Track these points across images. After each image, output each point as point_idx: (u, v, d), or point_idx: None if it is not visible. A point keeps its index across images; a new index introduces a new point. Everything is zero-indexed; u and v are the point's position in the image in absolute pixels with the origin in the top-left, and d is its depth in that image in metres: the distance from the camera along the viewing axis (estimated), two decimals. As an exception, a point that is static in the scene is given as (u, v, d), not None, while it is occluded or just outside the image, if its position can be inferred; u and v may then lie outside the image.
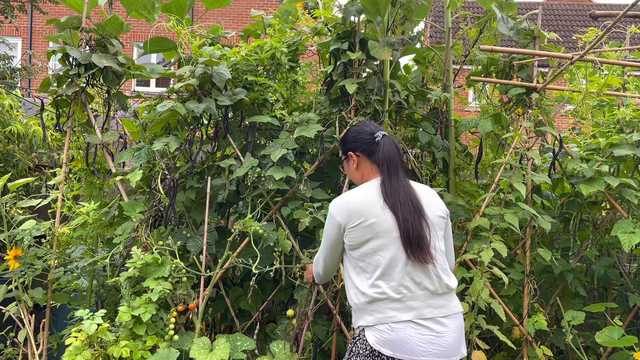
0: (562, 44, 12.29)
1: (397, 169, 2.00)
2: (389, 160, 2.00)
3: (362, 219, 1.93)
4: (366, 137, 2.08)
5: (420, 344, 1.84)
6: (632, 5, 2.19)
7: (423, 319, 1.87)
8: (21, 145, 4.65)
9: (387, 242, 1.91)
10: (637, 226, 2.66)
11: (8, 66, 9.70)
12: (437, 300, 1.91)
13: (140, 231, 2.76)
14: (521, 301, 2.85)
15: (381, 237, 1.91)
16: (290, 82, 3.12)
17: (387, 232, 1.91)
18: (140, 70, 3.16)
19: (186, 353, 2.51)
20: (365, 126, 2.13)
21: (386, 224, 1.92)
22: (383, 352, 1.85)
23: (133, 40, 5.46)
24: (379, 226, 1.92)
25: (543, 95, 3.05)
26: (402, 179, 1.98)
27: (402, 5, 2.84)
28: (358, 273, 1.96)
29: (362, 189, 2.03)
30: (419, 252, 1.89)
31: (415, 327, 1.85)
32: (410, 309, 1.87)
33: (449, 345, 1.88)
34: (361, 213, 1.94)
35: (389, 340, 1.85)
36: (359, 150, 2.10)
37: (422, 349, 1.83)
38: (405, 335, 1.84)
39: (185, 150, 2.93)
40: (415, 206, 1.94)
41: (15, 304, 2.88)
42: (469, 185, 3.29)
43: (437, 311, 1.90)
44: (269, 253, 2.78)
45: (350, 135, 2.16)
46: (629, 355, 2.54)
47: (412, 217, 1.91)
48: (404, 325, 1.85)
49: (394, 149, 2.03)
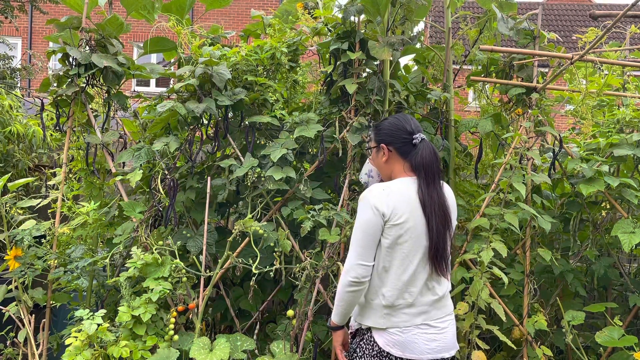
0: (562, 44, 12.27)
1: (434, 177, 1.93)
2: (427, 167, 1.93)
3: (404, 218, 1.87)
4: (404, 136, 1.99)
5: (426, 342, 1.91)
6: (632, 5, 2.19)
7: (430, 321, 1.94)
8: (21, 145, 4.64)
9: (417, 248, 1.90)
10: (637, 226, 2.66)
11: (8, 66, 9.70)
12: (440, 302, 1.98)
13: (140, 231, 2.76)
14: (521, 301, 2.85)
15: (414, 242, 1.90)
16: (290, 82, 3.12)
17: (419, 238, 1.90)
18: (140, 70, 3.15)
19: (186, 353, 2.51)
20: (406, 123, 2.01)
21: (420, 229, 1.90)
22: (392, 352, 1.90)
23: (133, 40, 5.46)
24: (415, 231, 1.89)
25: (543, 95, 3.05)
26: (437, 187, 1.94)
27: (402, 5, 2.84)
28: (380, 272, 1.93)
29: (399, 185, 1.94)
30: (440, 266, 1.93)
31: (422, 327, 1.92)
32: (421, 313, 1.92)
33: (448, 340, 1.97)
34: (403, 211, 1.87)
35: (399, 342, 1.90)
36: (392, 146, 2.01)
37: (428, 348, 1.90)
38: (413, 336, 1.90)
39: (185, 150, 2.93)
40: (446, 216, 1.93)
41: (15, 304, 2.88)
42: (469, 185, 3.29)
43: (439, 312, 1.96)
44: (269, 253, 2.78)
45: (386, 127, 2.04)
46: (629, 355, 2.54)
47: (443, 229, 1.92)
48: (412, 327, 1.91)
49: (433, 156, 1.94)
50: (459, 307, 2.60)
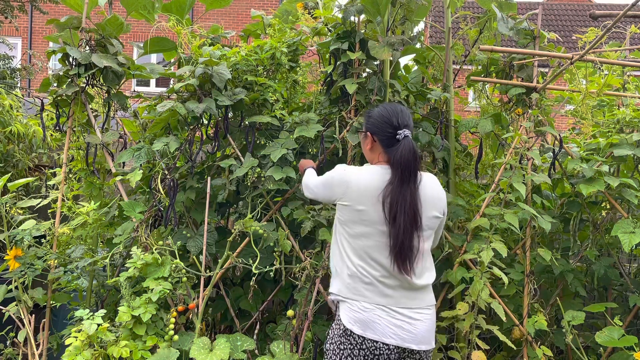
0: (562, 44, 12.29)
1: (410, 176, 1.94)
2: (404, 166, 1.93)
3: (354, 202, 1.96)
4: (389, 130, 2.00)
5: (390, 326, 1.91)
6: (632, 5, 2.19)
7: (397, 307, 1.93)
8: (21, 145, 4.64)
9: (374, 232, 1.94)
10: (637, 226, 2.66)
11: (8, 66, 9.69)
12: (412, 294, 1.97)
13: (140, 231, 2.76)
14: (521, 301, 2.85)
15: (368, 226, 1.94)
16: (290, 82, 3.12)
17: (375, 223, 1.94)
18: (140, 70, 3.16)
19: (186, 353, 2.51)
20: (393, 116, 2.01)
21: (375, 215, 1.94)
22: (354, 330, 1.92)
23: (133, 40, 5.46)
24: (367, 215, 1.94)
25: (543, 95, 3.05)
26: (412, 187, 1.94)
27: (402, 5, 2.84)
28: (345, 245, 2.00)
29: (370, 172, 2.00)
30: (404, 264, 1.92)
31: (387, 311, 1.92)
32: (384, 295, 1.94)
33: (419, 333, 1.94)
34: (357, 196, 1.96)
35: (360, 320, 1.92)
36: (377, 137, 2.03)
37: (391, 332, 1.90)
38: (375, 316, 1.91)
39: (185, 150, 2.93)
40: (415, 216, 1.93)
41: (15, 304, 2.88)
42: (469, 185, 3.29)
43: (411, 302, 1.96)
44: (269, 253, 2.78)
45: (375, 117, 2.06)
46: (629, 355, 2.54)
47: (410, 228, 1.92)
48: (375, 307, 1.92)
49: (411, 155, 1.94)
50: (459, 307, 2.60)
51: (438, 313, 2.77)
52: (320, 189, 2.14)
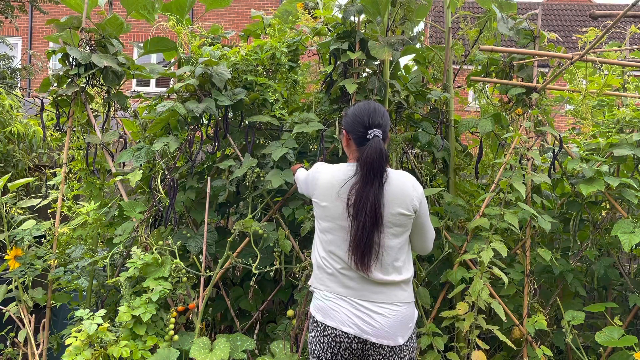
0: (562, 44, 12.26)
1: (375, 175, 1.96)
2: (370, 165, 1.95)
3: (320, 199, 2.06)
4: (360, 129, 2.02)
5: (350, 316, 1.97)
6: (632, 5, 2.19)
7: (358, 299, 1.98)
8: (21, 145, 4.65)
9: (335, 227, 2.01)
10: (637, 226, 2.66)
11: (8, 66, 9.69)
12: (375, 287, 2.00)
13: (140, 231, 2.76)
14: (521, 301, 2.85)
15: (330, 222, 2.02)
16: (290, 82, 3.12)
17: (335, 219, 2.01)
18: (140, 70, 3.16)
19: (186, 353, 2.51)
20: (366, 116, 2.03)
21: (335, 211, 2.00)
22: (317, 317, 2.02)
23: (133, 40, 5.46)
24: (329, 211, 2.02)
25: (543, 95, 3.05)
26: (375, 186, 1.96)
27: (402, 5, 2.84)
28: (316, 239, 2.12)
29: (336, 170, 2.07)
30: (362, 261, 1.96)
31: (349, 301, 1.98)
32: (346, 287, 2.00)
33: (381, 328, 1.97)
34: (320, 193, 2.06)
35: (321, 308, 2.02)
36: (351, 135, 2.07)
37: (350, 322, 1.96)
38: (336, 305, 1.99)
39: (185, 150, 2.93)
40: (376, 216, 1.95)
41: (15, 304, 2.88)
42: (469, 185, 3.29)
43: (374, 296, 1.99)
44: (269, 253, 2.78)
45: (349, 116, 2.09)
46: (629, 355, 2.54)
47: (370, 227, 1.94)
48: (336, 296, 1.99)
49: (377, 156, 1.96)
50: (459, 307, 2.60)
51: (438, 313, 2.78)
52: (303, 186, 2.28)
